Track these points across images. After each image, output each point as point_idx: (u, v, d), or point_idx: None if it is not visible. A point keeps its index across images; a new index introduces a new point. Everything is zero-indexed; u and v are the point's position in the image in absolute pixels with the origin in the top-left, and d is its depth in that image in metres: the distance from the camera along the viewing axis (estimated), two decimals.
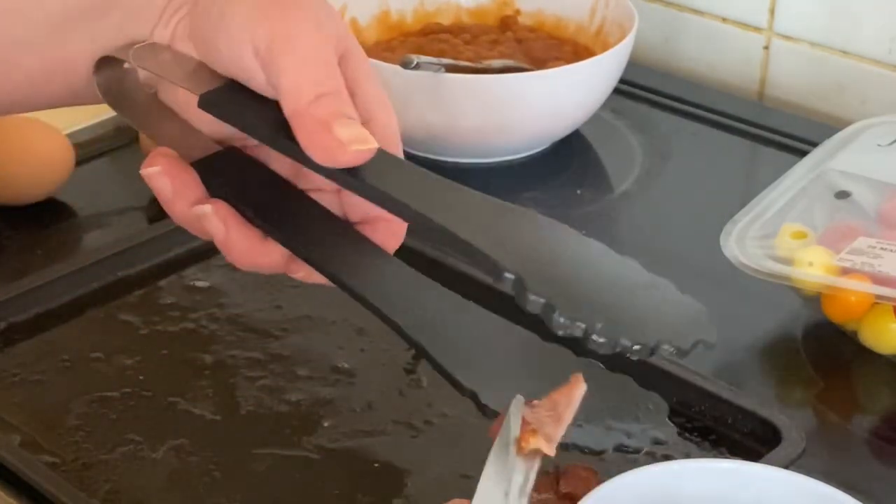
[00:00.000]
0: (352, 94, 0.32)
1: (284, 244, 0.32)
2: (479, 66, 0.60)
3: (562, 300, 0.28)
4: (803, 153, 0.56)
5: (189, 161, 0.33)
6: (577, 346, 0.29)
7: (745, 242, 0.49)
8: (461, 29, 0.65)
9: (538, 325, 0.29)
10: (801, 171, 0.53)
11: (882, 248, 0.48)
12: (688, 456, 0.43)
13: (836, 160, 0.54)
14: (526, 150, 0.61)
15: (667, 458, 0.42)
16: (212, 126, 0.34)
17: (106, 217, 0.57)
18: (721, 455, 0.43)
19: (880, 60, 0.64)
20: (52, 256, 0.54)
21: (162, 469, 0.42)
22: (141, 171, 0.33)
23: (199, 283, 0.51)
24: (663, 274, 0.54)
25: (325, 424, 0.44)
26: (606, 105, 0.62)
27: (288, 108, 0.31)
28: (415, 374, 0.47)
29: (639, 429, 0.32)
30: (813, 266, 0.48)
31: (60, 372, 0.46)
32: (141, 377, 0.46)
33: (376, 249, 0.33)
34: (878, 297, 0.46)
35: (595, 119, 0.62)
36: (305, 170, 0.33)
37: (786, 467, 0.40)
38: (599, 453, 0.31)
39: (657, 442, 0.32)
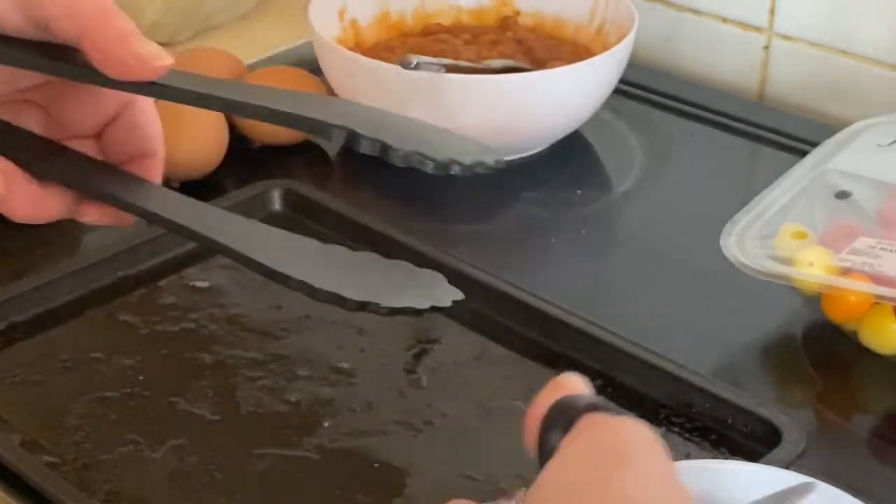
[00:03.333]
0: None
1: (73, 186, 0.33)
2: (479, 66, 0.60)
3: (392, 138, 0.32)
4: (803, 153, 0.56)
5: None
6: None
7: (746, 242, 0.49)
8: (461, 29, 0.65)
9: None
10: (801, 171, 0.53)
11: (882, 249, 0.48)
12: (688, 456, 0.43)
13: (836, 160, 0.54)
14: (526, 150, 0.61)
15: None
16: None
17: None
18: (721, 455, 0.43)
19: (880, 60, 0.64)
20: (53, 256, 0.54)
21: (162, 469, 0.42)
22: None
23: (199, 284, 0.51)
24: (663, 274, 0.55)
25: (326, 424, 0.44)
26: (606, 105, 0.62)
27: (77, 26, 0.31)
28: (415, 373, 0.47)
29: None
30: (813, 266, 0.48)
31: (60, 372, 0.46)
32: (141, 377, 0.46)
33: (153, 184, 0.35)
34: (878, 297, 0.46)
35: (595, 119, 0.62)
36: (58, 123, 0.34)
37: (786, 467, 0.40)
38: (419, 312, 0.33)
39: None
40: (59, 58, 0.32)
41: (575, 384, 0.29)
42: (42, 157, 0.33)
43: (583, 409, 0.28)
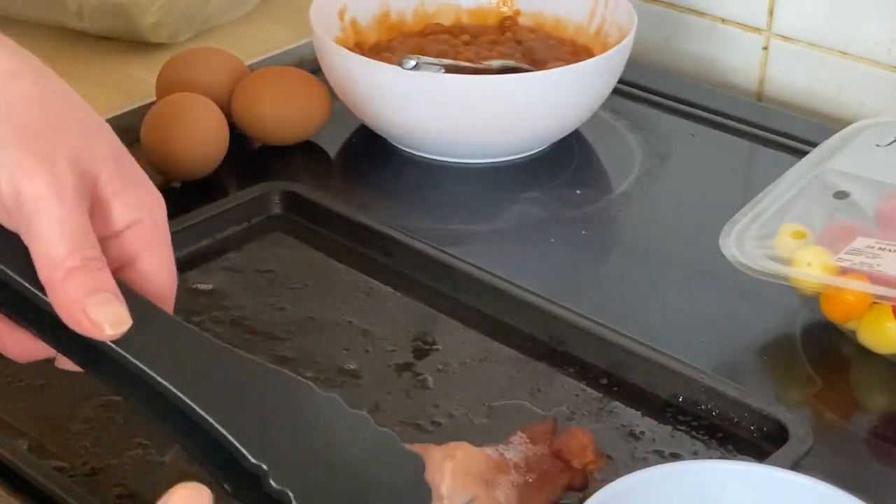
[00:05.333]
0: (104, 212, 0.33)
1: (44, 341, 0.34)
2: (478, 66, 0.61)
3: (298, 493, 0.31)
4: (802, 153, 0.56)
5: None
6: None
7: (745, 242, 0.49)
8: (461, 29, 0.65)
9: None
10: (799, 172, 0.54)
11: (880, 248, 0.48)
12: (695, 454, 0.43)
13: (834, 160, 0.54)
14: (526, 150, 0.61)
15: (675, 456, 0.43)
16: None
17: None
18: (728, 453, 0.43)
19: (879, 61, 0.64)
20: None
21: (172, 473, 0.42)
22: None
23: (202, 286, 0.51)
24: (663, 274, 0.55)
25: None
26: (606, 105, 0.62)
27: (42, 276, 0.32)
28: (421, 375, 0.47)
29: None
30: (812, 266, 0.48)
31: (66, 376, 0.45)
32: None
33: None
34: (877, 296, 0.47)
35: (595, 119, 0.62)
36: None
37: (793, 465, 0.40)
38: None
39: None
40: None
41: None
42: (22, 313, 0.34)
43: None
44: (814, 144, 0.57)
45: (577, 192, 0.60)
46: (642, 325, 0.49)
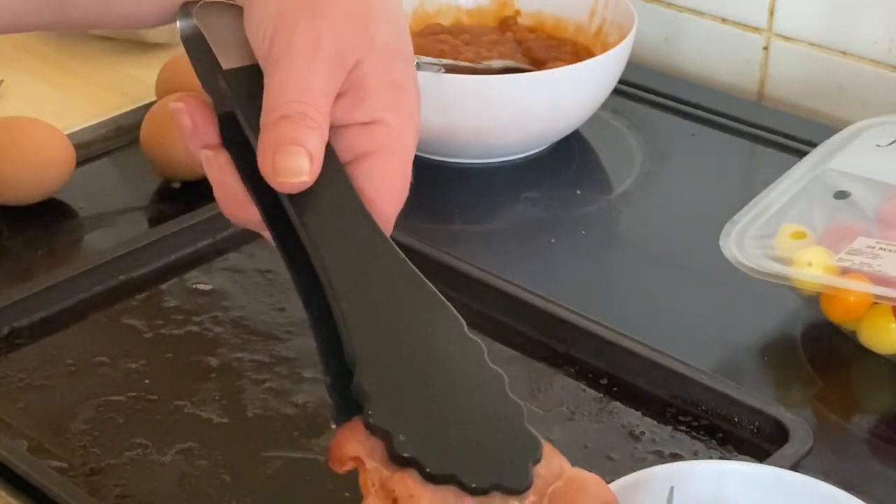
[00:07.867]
0: (357, 98, 0.33)
1: (260, 212, 0.33)
2: (479, 66, 0.61)
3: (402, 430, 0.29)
4: (803, 153, 0.56)
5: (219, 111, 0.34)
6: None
7: (745, 242, 0.49)
8: (461, 30, 0.65)
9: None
10: (800, 172, 0.54)
11: (881, 249, 0.48)
12: (695, 454, 0.43)
13: (835, 160, 0.54)
14: (526, 150, 0.61)
15: (675, 456, 0.43)
16: None
17: (107, 217, 0.57)
18: (728, 453, 0.43)
19: (880, 61, 0.64)
20: (53, 257, 0.54)
21: (171, 473, 0.42)
22: (169, 105, 0.35)
23: (202, 287, 0.52)
24: (663, 274, 0.55)
25: (333, 427, 0.44)
26: (606, 105, 0.62)
27: (261, 121, 0.32)
28: None
29: None
30: (812, 266, 0.48)
31: (66, 376, 0.46)
32: (147, 381, 0.46)
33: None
34: (877, 297, 0.47)
35: (595, 119, 0.62)
36: None
37: (793, 465, 0.40)
38: None
39: None
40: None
41: None
42: (252, 169, 0.33)
43: None
44: (814, 144, 0.57)
45: (577, 192, 0.60)
46: (642, 325, 0.49)
